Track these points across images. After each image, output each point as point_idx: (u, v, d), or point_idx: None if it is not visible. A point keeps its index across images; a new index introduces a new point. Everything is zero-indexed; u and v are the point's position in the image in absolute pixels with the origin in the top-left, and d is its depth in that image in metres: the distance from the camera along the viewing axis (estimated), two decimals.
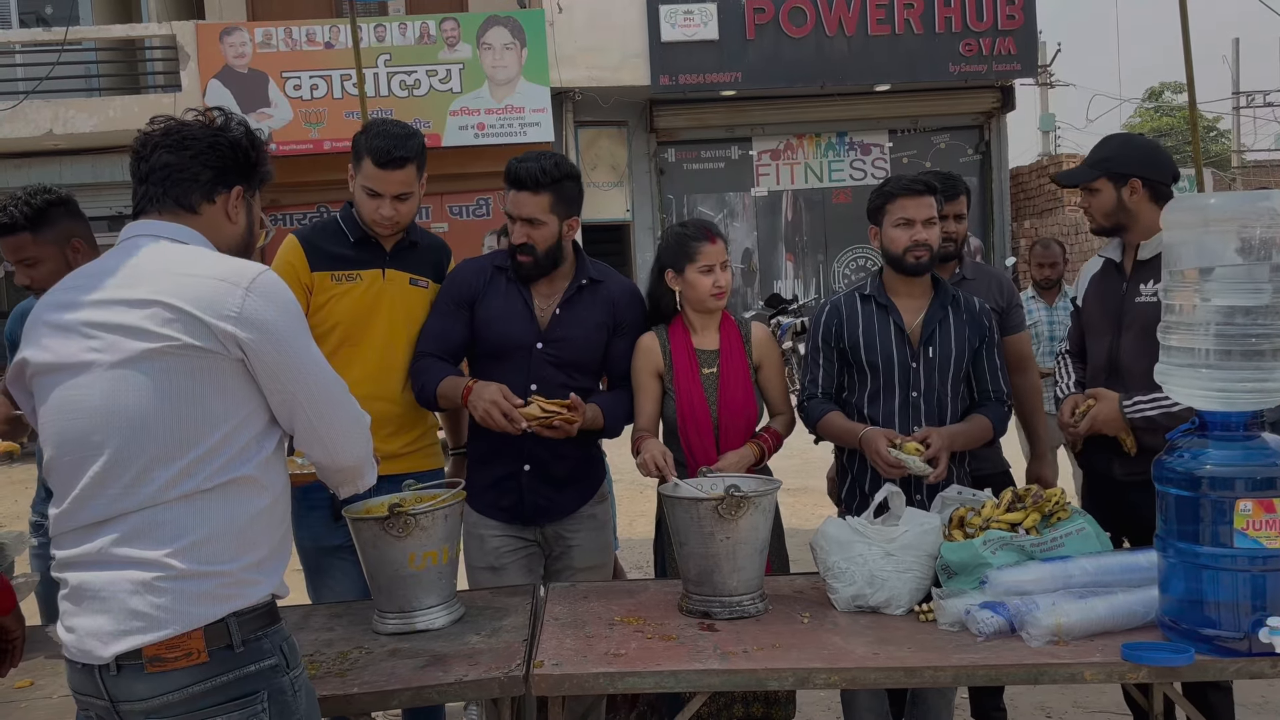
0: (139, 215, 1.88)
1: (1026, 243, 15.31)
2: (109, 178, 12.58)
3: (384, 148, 2.80)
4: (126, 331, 1.71)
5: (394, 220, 2.88)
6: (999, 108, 15.12)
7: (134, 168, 1.89)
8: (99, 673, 1.71)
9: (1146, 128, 37.94)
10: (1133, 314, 2.92)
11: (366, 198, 2.85)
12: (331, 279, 2.90)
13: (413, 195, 2.89)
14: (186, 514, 1.71)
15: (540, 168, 2.81)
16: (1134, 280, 2.95)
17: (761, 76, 13.84)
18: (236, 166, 1.90)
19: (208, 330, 1.71)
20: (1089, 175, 2.95)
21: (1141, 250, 2.93)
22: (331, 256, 2.91)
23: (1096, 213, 2.97)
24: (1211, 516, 2.15)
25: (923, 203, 2.90)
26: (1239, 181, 22.82)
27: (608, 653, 2.31)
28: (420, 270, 3.02)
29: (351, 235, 2.94)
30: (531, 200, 2.82)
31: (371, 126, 2.87)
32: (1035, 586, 2.38)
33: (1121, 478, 2.92)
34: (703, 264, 2.95)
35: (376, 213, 2.85)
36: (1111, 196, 2.92)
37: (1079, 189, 3.00)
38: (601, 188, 14.60)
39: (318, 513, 2.88)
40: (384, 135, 2.82)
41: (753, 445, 2.95)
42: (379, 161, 2.80)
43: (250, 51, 12.56)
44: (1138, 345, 2.85)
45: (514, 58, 12.92)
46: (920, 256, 2.89)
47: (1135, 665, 2.17)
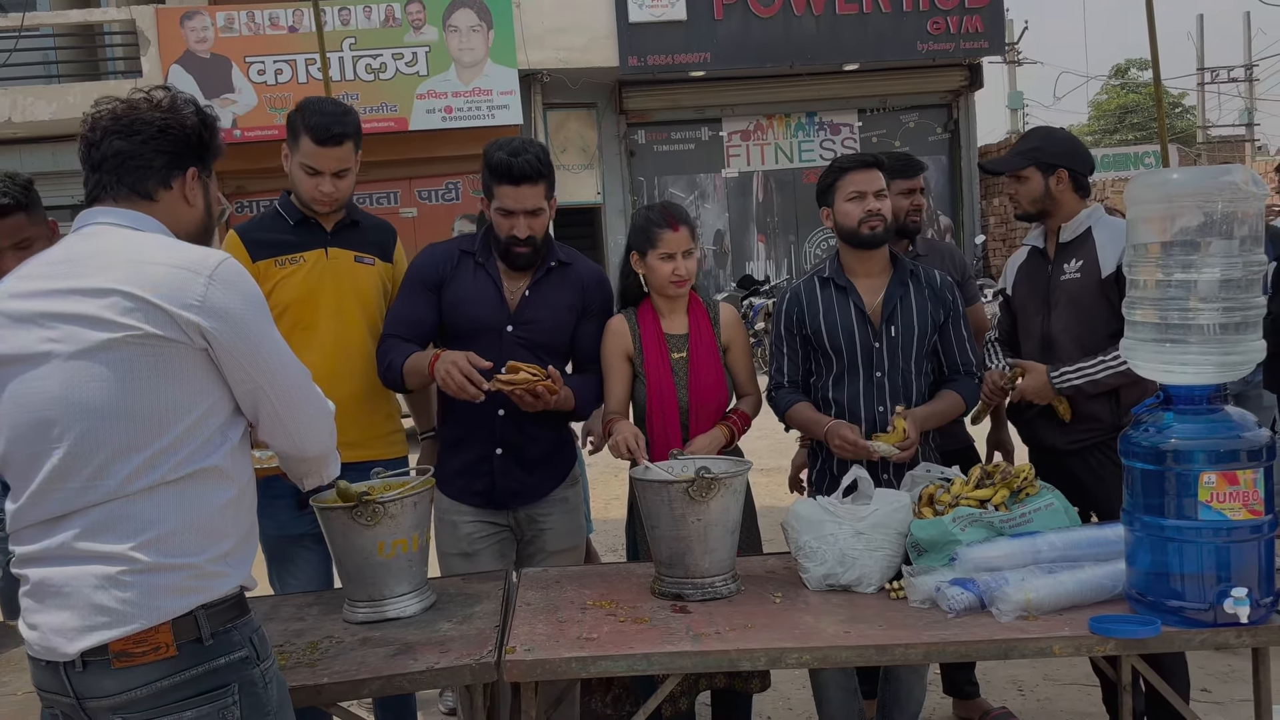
0: (93, 202, 1.84)
1: (996, 220, 15.42)
2: (70, 166, 12.36)
3: (323, 125, 2.79)
4: (85, 321, 1.67)
5: (334, 197, 2.88)
6: (967, 86, 15.18)
7: (84, 154, 1.84)
8: (64, 669, 1.68)
9: (1113, 104, 38.23)
10: (1058, 291, 3.11)
11: (305, 176, 2.85)
12: (275, 265, 2.89)
13: (351, 171, 2.89)
14: (151, 506, 1.68)
15: (535, 157, 2.81)
16: (1057, 262, 3.14)
17: (730, 57, 13.81)
18: (190, 149, 1.86)
19: (170, 319, 1.68)
20: (1019, 164, 3.13)
21: (1063, 234, 3.13)
22: (271, 244, 2.91)
23: (1023, 199, 3.15)
24: (1176, 490, 2.17)
25: (872, 176, 2.92)
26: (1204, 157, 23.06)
27: (580, 637, 2.30)
28: (364, 249, 3.01)
29: (290, 219, 2.93)
30: (534, 191, 2.82)
31: (307, 105, 2.86)
32: (1004, 562, 2.40)
33: (1064, 446, 3.09)
34: (663, 250, 2.94)
35: (316, 190, 2.85)
36: (1039, 184, 3.11)
37: (1007, 176, 3.18)
38: (571, 170, 14.54)
39: (282, 501, 2.86)
40: (321, 113, 2.81)
41: (722, 428, 2.95)
42: (318, 139, 2.80)
43: (212, 36, 12.38)
44: (1064, 320, 3.08)
45: (481, 40, 12.81)
46: (875, 226, 2.90)
47: (1103, 638, 2.19)
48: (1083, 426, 3.03)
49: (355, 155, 2.90)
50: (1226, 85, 30.85)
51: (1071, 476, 3.05)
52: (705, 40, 13.69)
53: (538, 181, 2.82)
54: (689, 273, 2.96)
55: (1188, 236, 2.19)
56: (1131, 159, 17.51)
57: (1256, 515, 2.13)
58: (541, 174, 2.82)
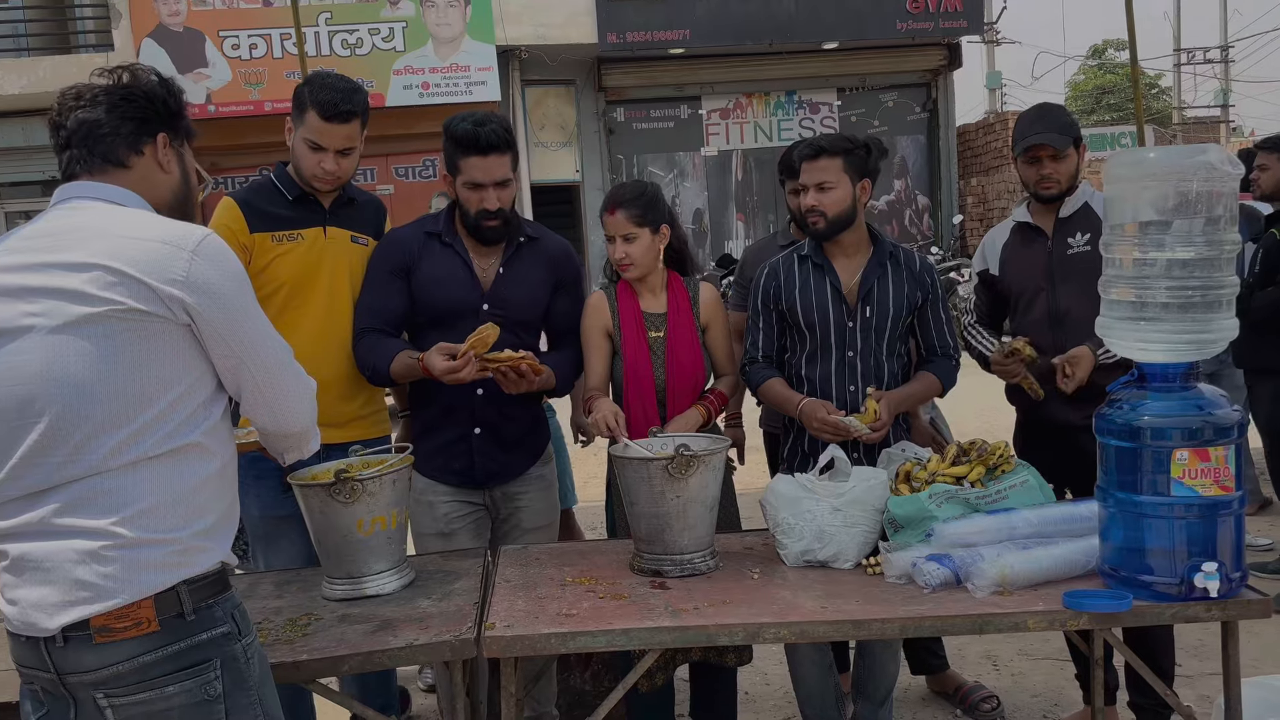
0: (70, 179, 1.82)
1: (974, 200, 15.47)
2: (40, 140, 12.18)
3: (331, 101, 2.75)
4: (67, 295, 1.66)
5: (336, 175, 2.84)
6: (946, 65, 15.19)
7: (54, 137, 1.84)
8: (44, 645, 1.68)
9: (1090, 85, 38.36)
10: (1066, 267, 3.09)
11: (309, 151, 2.80)
12: (272, 240, 2.84)
13: (355, 150, 2.85)
14: (133, 481, 1.68)
15: (500, 127, 2.80)
16: (1059, 237, 3.12)
17: (710, 34, 13.75)
18: (156, 114, 1.85)
19: (153, 294, 1.67)
20: (1068, 141, 3.08)
21: (1064, 208, 3.13)
22: (270, 217, 2.85)
23: (1064, 177, 3.10)
24: (1150, 466, 2.19)
25: (812, 169, 2.86)
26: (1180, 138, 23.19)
27: (559, 613, 2.31)
28: (360, 228, 2.98)
29: (289, 194, 2.88)
30: (500, 162, 2.80)
31: (316, 79, 2.81)
32: (980, 538, 2.43)
33: (1079, 422, 2.98)
34: (607, 232, 2.95)
35: (319, 166, 2.81)
36: (1074, 161, 3.10)
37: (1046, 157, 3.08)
38: (550, 148, 14.46)
39: (266, 482, 2.85)
40: (330, 88, 2.77)
41: (699, 407, 2.95)
42: (325, 115, 2.75)
43: (185, 9, 12.20)
44: (1078, 296, 3.02)
45: (458, 15, 12.69)
46: (814, 223, 2.89)
47: (1076, 613, 2.22)
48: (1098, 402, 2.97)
49: (361, 134, 2.86)
50: (1203, 66, 30.99)
51: (1076, 449, 3.00)
52: (685, 17, 13.62)
53: (505, 152, 2.80)
54: (628, 257, 2.91)
55: (1164, 216, 2.21)
56: (1108, 139, 17.59)
57: (1227, 491, 2.16)
58: (508, 144, 2.81)
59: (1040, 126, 3.11)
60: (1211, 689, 3.24)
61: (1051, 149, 3.06)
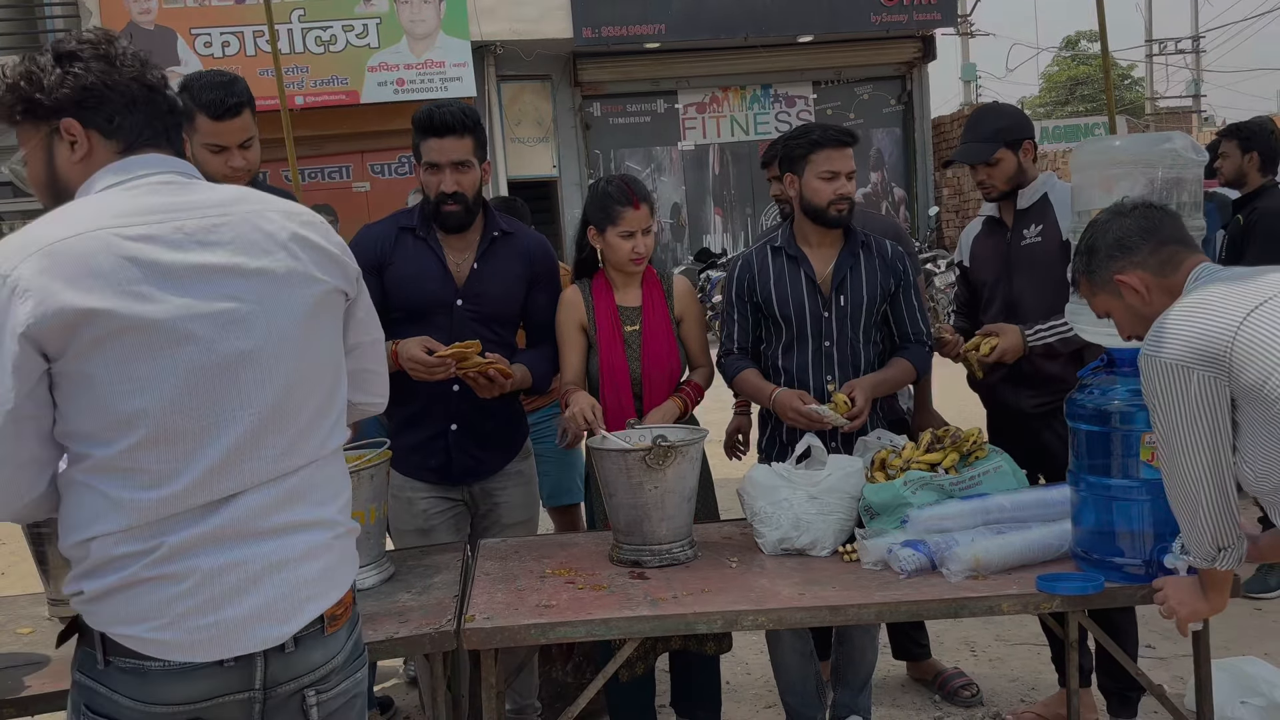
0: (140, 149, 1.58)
1: (949, 192, 15.55)
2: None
3: (216, 99, 2.72)
4: (275, 278, 1.55)
5: (246, 169, 2.81)
6: (920, 58, 15.25)
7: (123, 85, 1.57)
8: (263, 659, 1.54)
9: (1063, 76, 38.60)
10: (1019, 257, 3.15)
11: (212, 155, 2.77)
12: None
13: (255, 139, 2.82)
14: (337, 468, 1.67)
15: (461, 110, 2.83)
16: (1016, 229, 3.18)
17: (685, 28, 13.75)
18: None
19: (344, 271, 1.65)
20: (992, 149, 3.11)
21: (1020, 200, 3.16)
22: None
23: (999, 181, 3.14)
24: (1119, 449, 2.23)
25: (846, 156, 2.90)
26: (1152, 129, 23.39)
27: (539, 604, 2.32)
28: None
29: None
30: (459, 144, 2.81)
31: (192, 83, 2.78)
32: (954, 524, 2.46)
33: (1030, 410, 3.13)
34: (623, 229, 2.92)
35: (226, 166, 2.77)
36: (1013, 162, 3.12)
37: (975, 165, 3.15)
38: (527, 143, 14.43)
39: None
40: (211, 87, 2.74)
41: (676, 399, 2.97)
42: (214, 114, 2.73)
43: (156, 7, 12.09)
44: (1029, 284, 3.11)
45: (432, 11, 12.63)
46: (842, 210, 2.91)
47: (1049, 595, 2.25)
48: (1048, 389, 3.07)
49: (254, 122, 2.83)
50: (1174, 57, 31.27)
51: (1035, 439, 3.11)
52: (660, 11, 13.62)
53: (463, 134, 2.81)
54: (648, 250, 2.95)
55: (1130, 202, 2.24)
56: (1081, 130, 17.72)
57: None
58: (466, 127, 2.82)
59: (966, 138, 3.19)
60: (1184, 670, 3.29)
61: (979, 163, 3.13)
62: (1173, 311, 1.96)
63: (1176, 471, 1.96)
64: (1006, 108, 3.32)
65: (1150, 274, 2.04)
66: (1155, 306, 2.02)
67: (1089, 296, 2.16)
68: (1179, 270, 2.03)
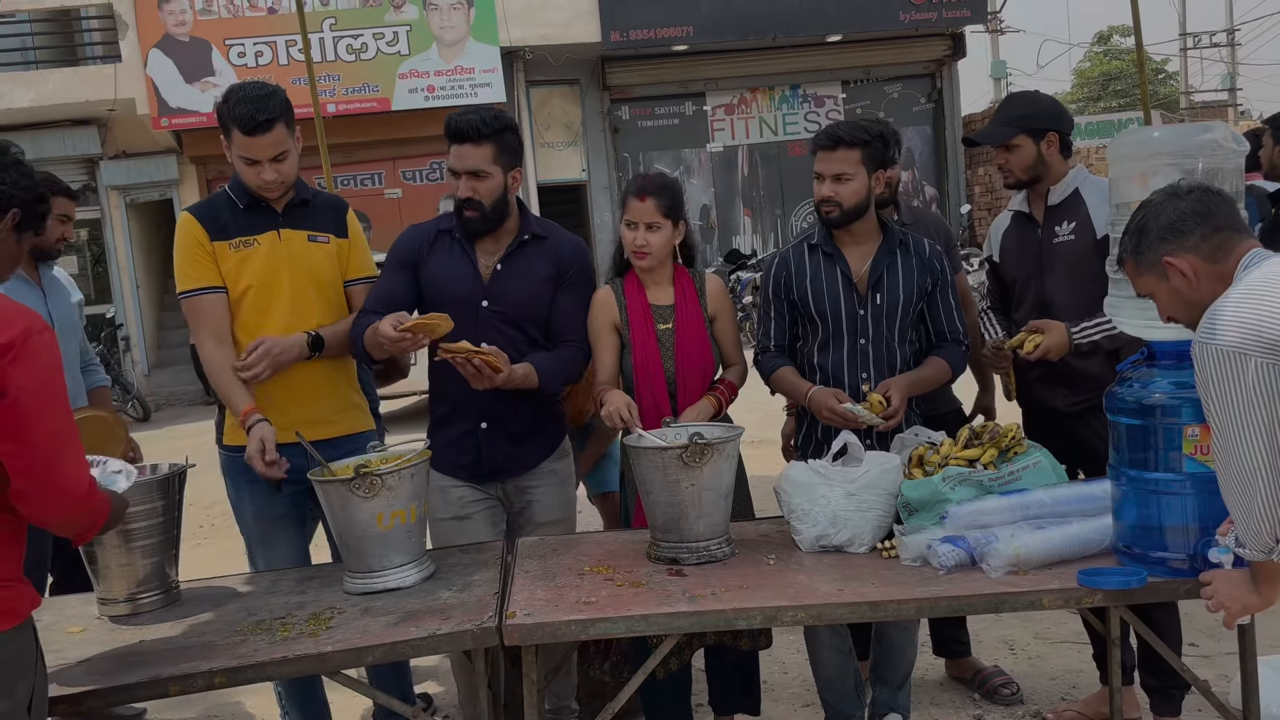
0: None
1: (981, 189, 15.45)
2: (50, 153, 12.31)
3: (248, 114, 2.73)
4: None
5: (279, 181, 2.83)
6: (950, 56, 15.17)
7: None
8: None
9: (1096, 72, 38.21)
10: (1051, 255, 3.10)
11: (246, 166, 2.81)
12: (230, 248, 2.87)
13: (289, 153, 2.83)
14: None
15: (480, 119, 2.83)
16: (1048, 225, 3.13)
17: (713, 30, 13.76)
18: None
19: None
20: (1010, 133, 3.09)
21: (1051, 196, 3.12)
22: (226, 226, 2.88)
23: (1016, 168, 3.12)
24: (1161, 443, 2.21)
25: (831, 158, 2.87)
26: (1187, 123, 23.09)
27: (579, 601, 2.34)
28: (317, 227, 2.97)
29: (241, 203, 2.90)
30: (475, 152, 2.83)
31: (230, 95, 2.80)
32: (994, 519, 2.45)
33: (1066, 409, 3.10)
34: (627, 218, 2.95)
35: (259, 178, 2.81)
36: (1032, 151, 3.08)
37: (997, 147, 3.13)
38: (556, 148, 14.49)
39: (259, 485, 2.87)
40: (245, 101, 2.74)
41: (710, 398, 2.97)
42: (246, 129, 2.74)
43: (191, 19, 12.28)
44: (1063, 283, 3.06)
45: (462, 17, 12.74)
46: (829, 212, 2.90)
47: (1091, 590, 2.24)
48: (1084, 387, 3.03)
49: (290, 135, 2.83)
50: (1209, 50, 30.86)
51: (1073, 438, 3.07)
52: (687, 13, 13.63)
53: (479, 142, 2.82)
54: (649, 245, 2.92)
55: None
56: (1115, 126, 17.51)
57: None
58: (483, 134, 2.82)
59: (992, 120, 3.17)
60: (1229, 668, 3.25)
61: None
62: (1228, 297, 1.93)
63: (1232, 461, 1.92)
64: (1042, 97, 3.26)
65: (1201, 259, 2.01)
66: (1202, 292, 1.99)
67: (1133, 276, 2.13)
68: (1230, 257, 1.99)
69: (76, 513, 1.96)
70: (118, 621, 2.49)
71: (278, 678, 2.65)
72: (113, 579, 2.52)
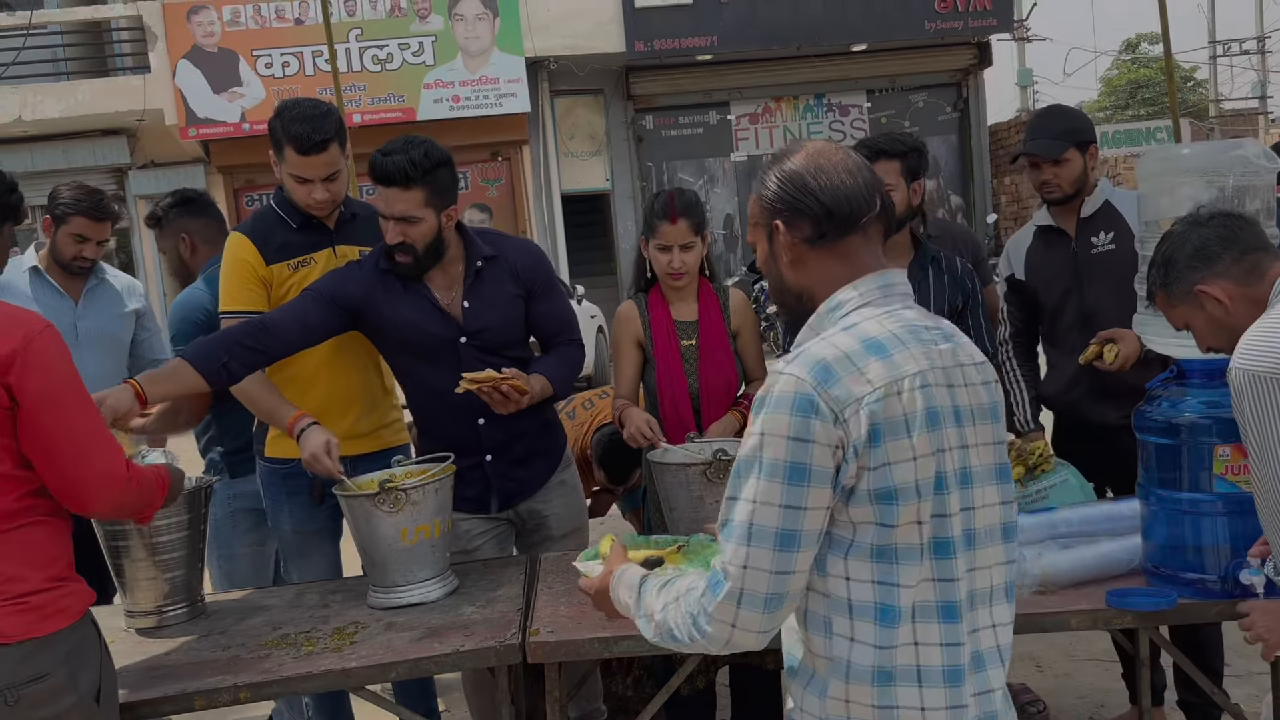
0: None
1: (1007, 199, 15.36)
2: (80, 163, 12.45)
3: (304, 133, 2.69)
4: None
5: (329, 201, 2.81)
6: (976, 64, 15.08)
7: None
8: None
9: (1123, 80, 37.95)
10: (1091, 266, 3.05)
11: (297, 184, 2.78)
12: (288, 269, 2.85)
13: (341, 172, 2.81)
14: None
15: (409, 160, 2.59)
16: (1082, 237, 3.08)
17: (737, 39, 13.75)
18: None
19: None
20: (1063, 146, 3.02)
21: (1084, 208, 3.07)
22: (281, 247, 2.85)
23: (1065, 182, 3.05)
24: (1191, 463, 2.19)
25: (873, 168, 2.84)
26: (1217, 131, 22.90)
27: (602, 618, 2.32)
28: (366, 241, 2.93)
29: (294, 221, 2.86)
30: (403, 196, 2.61)
31: (285, 112, 2.76)
32: (1021, 538, 2.41)
33: (1116, 421, 2.93)
34: (659, 241, 2.91)
35: (310, 197, 2.78)
36: (1080, 164, 3.03)
37: (1046, 162, 3.05)
38: (580, 157, 14.52)
39: (298, 497, 2.88)
40: (300, 120, 2.71)
41: (735, 414, 2.96)
42: (301, 149, 2.71)
43: (219, 30, 12.40)
44: (1106, 293, 3.00)
45: (487, 28, 12.79)
46: None
47: (1120, 611, 2.22)
48: (1134, 400, 2.95)
49: (343, 155, 2.81)
50: (1239, 58, 30.57)
51: (1115, 452, 2.95)
52: (711, 23, 13.63)
53: (408, 186, 2.60)
54: (684, 266, 2.91)
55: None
56: (1143, 135, 17.40)
57: None
58: (410, 178, 2.60)
59: (1034, 134, 3.10)
60: (1261, 688, 3.20)
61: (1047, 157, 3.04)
62: (1263, 321, 1.90)
63: (1270, 488, 1.88)
64: (1074, 110, 3.24)
65: (1233, 283, 1.98)
66: (1239, 317, 1.96)
67: (1166, 309, 2.10)
68: (1263, 279, 1.96)
69: (120, 498, 2.00)
70: (144, 634, 2.52)
71: (303, 692, 2.66)
72: (139, 592, 2.54)
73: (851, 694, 1.42)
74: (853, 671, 1.42)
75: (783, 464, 1.38)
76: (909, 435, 1.40)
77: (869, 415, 1.38)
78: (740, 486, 1.42)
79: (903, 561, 1.40)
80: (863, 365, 1.41)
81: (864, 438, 1.38)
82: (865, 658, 1.41)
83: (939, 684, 1.41)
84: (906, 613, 1.41)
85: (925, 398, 1.41)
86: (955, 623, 1.42)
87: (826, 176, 1.52)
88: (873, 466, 1.39)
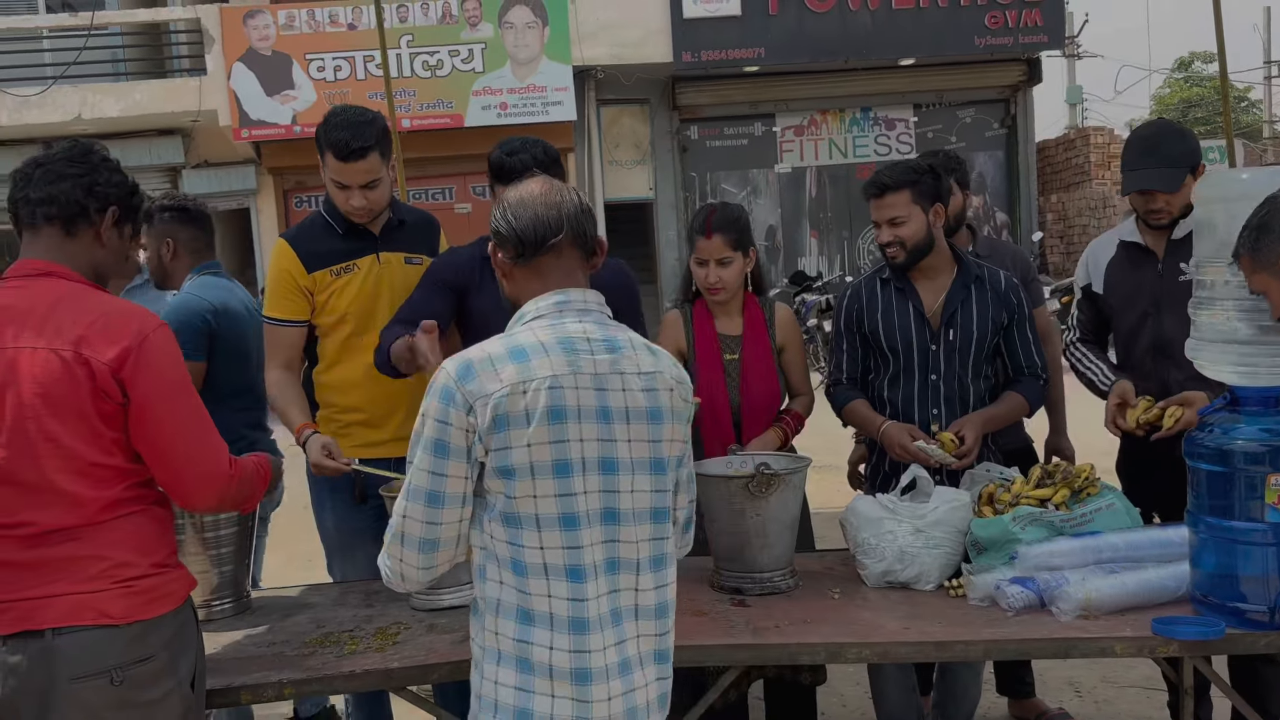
0: None
1: (1054, 217, 15.19)
2: (136, 161, 12.69)
3: (343, 140, 2.73)
4: None
5: (367, 209, 2.84)
6: (1025, 81, 14.94)
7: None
8: None
9: (1175, 99, 37.40)
10: (1173, 293, 2.87)
11: (337, 190, 2.82)
12: (331, 275, 2.89)
13: (381, 180, 2.83)
14: None
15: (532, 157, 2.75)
16: (1170, 260, 2.92)
17: (785, 52, 13.74)
18: None
19: None
20: (1183, 175, 2.84)
21: (1177, 230, 2.92)
22: (324, 254, 2.89)
23: (1176, 208, 2.88)
24: (1243, 491, 2.16)
25: (882, 204, 2.84)
26: (1270, 152, 22.50)
27: None
28: (414, 248, 2.98)
29: (339, 227, 2.90)
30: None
31: (330, 118, 2.80)
32: (1065, 561, 2.40)
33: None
34: (698, 256, 2.93)
35: (348, 204, 2.82)
36: (1190, 188, 2.82)
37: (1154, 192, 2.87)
38: (624, 166, 14.57)
39: (340, 495, 2.92)
40: (342, 126, 2.75)
41: (776, 430, 2.96)
42: (340, 155, 2.74)
43: (274, 34, 12.59)
44: (1185, 324, 2.75)
45: (536, 36, 12.88)
46: (894, 256, 2.87)
47: (1166, 639, 2.19)
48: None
49: (385, 164, 2.83)
50: None
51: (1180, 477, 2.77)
52: (759, 35, 13.63)
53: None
54: (720, 281, 2.92)
55: None
56: None
57: None
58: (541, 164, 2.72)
59: (1147, 163, 2.88)
60: None
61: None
62: None
63: None
64: (1184, 129, 3.01)
65: None
66: None
67: (1248, 272, 2.06)
68: None
69: (223, 494, 2.06)
70: None
71: (344, 691, 2.69)
72: None
73: (500, 627, 1.73)
74: (501, 609, 1.73)
75: (431, 440, 1.71)
76: (528, 426, 1.69)
77: (494, 407, 1.69)
78: (412, 453, 1.75)
79: (524, 527, 1.71)
80: (500, 367, 1.71)
81: (489, 424, 1.68)
82: (510, 598, 1.72)
83: (565, 631, 1.71)
84: (537, 568, 1.71)
85: (551, 397, 1.70)
86: (580, 583, 1.71)
87: (524, 208, 1.81)
88: (495, 448, 1.69)
